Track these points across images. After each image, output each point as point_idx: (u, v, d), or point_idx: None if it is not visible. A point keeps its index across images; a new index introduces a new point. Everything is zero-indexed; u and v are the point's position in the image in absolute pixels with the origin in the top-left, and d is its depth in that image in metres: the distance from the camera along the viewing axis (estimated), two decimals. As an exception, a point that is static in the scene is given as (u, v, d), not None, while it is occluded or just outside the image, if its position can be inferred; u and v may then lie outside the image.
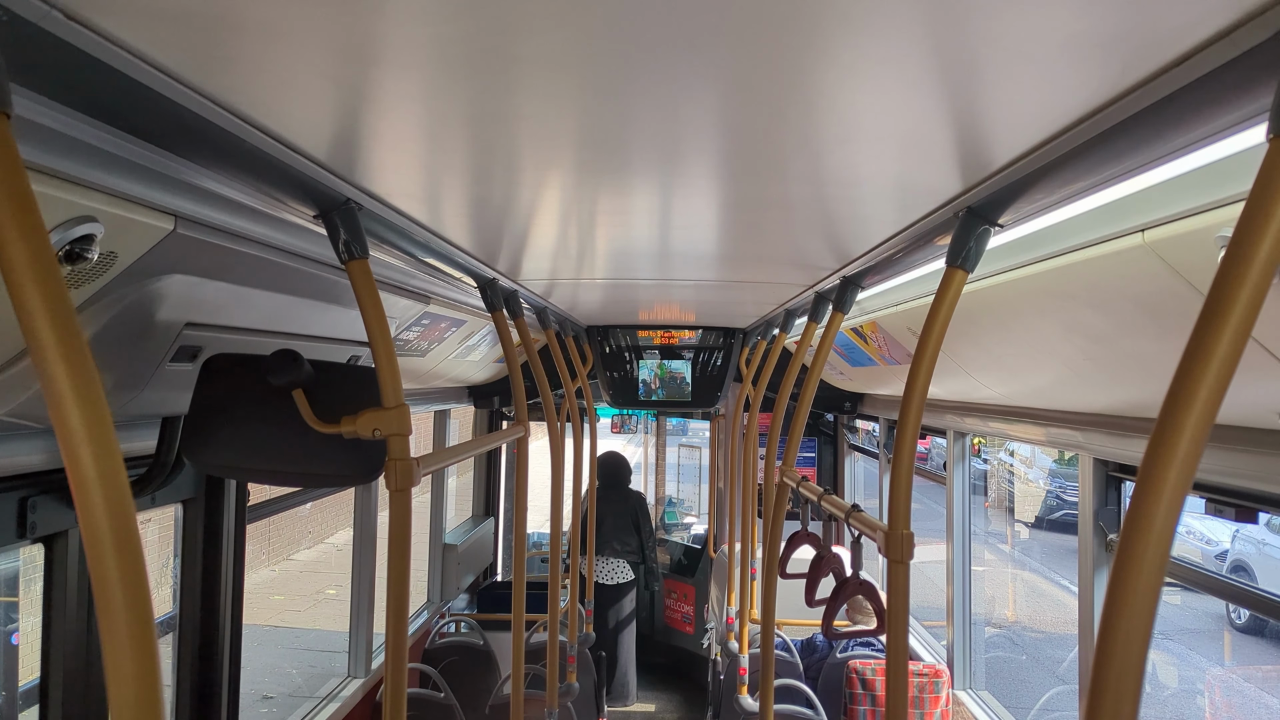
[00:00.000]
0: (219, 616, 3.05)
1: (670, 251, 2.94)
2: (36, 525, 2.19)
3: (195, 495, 2.96)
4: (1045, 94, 1.21)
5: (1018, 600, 14.85)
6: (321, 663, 10.60)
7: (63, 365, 0.82)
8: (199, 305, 2.00)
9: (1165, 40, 0.99)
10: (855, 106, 1.32)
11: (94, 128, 1.24)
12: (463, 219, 2.29)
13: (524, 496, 3.73)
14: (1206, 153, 1.25)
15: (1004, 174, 1.56)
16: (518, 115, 1.40)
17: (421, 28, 1.03)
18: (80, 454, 0.81)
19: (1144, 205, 1.57)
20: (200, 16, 0.97)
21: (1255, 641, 11.96)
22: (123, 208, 1.50)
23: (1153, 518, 0.84)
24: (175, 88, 1.16)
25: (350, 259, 1.76)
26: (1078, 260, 1.94)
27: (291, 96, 1.28)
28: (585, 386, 6.10)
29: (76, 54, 0.98)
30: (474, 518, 8.29)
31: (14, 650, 4.96)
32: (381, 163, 1.69)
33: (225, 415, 1.97)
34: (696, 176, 1.85)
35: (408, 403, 1.79)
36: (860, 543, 2.65)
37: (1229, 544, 13.04)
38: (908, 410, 1.79)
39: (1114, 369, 2.39)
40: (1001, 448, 19.95)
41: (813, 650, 5.85)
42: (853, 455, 7.85)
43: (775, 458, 3.98)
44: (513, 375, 3.33)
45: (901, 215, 2.06)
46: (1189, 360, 0.84)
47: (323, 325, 2.74)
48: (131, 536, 0.84)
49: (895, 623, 1.86)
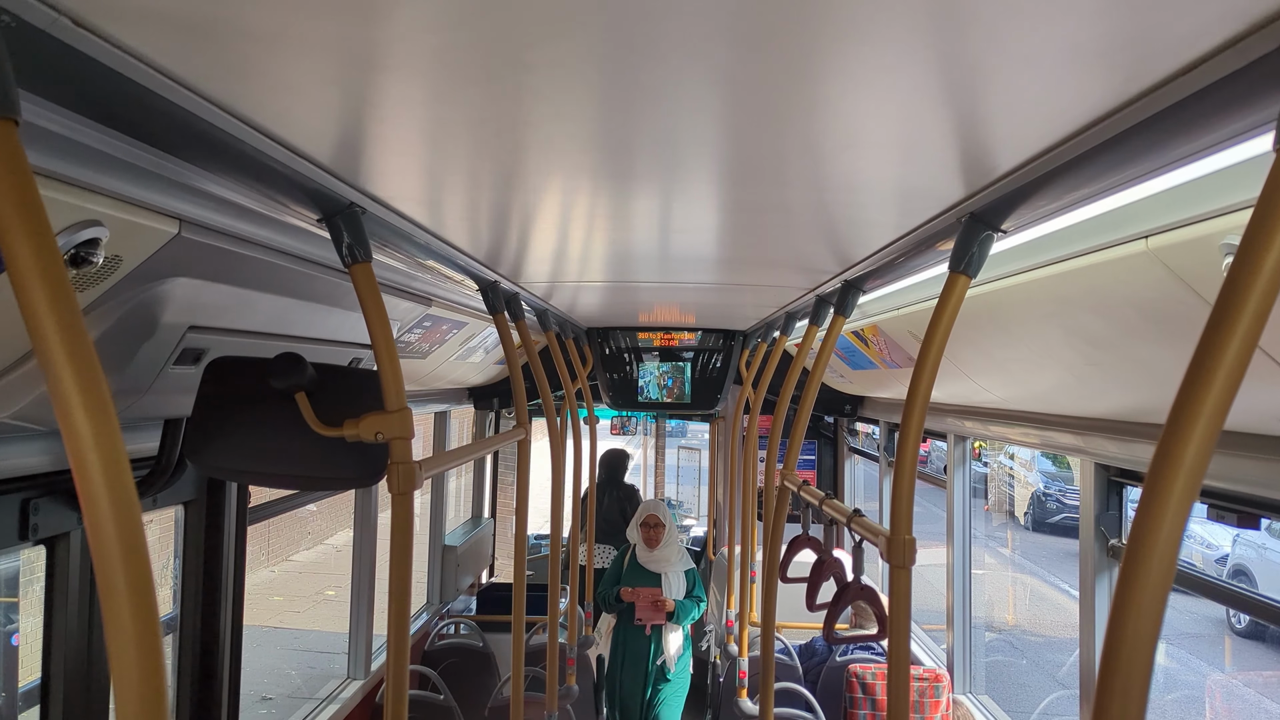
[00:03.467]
0: (220, 618, 3.05)
1: (671, 254, 2.94)
2: (39, 527, 2.19)
3: (196, 497, 2.96)
4: (1051, 101, 1.21)
5: (1017, 604, 14.85)
6: (320, 664, 10.59)
7: (69, 369, 0.82)
8: (202, 308, 2.00)
9: (1172, 48, 0.99)
10: (860, 113, 1.32)
11: (100, 132, 1.24)
12: (465, 222, 2.29)
13: (525, 498, 3.73)
14: (1211, 160, 1.25)
15: (1008, 180, 1.56)
16: (523, 121, 1.40)
17: (427, 35, 1.03)
18: (86, 457, 0.82)
19: (1147, 212, 1.58)
20: (207, 23, 0.98)
21: (1255, 646, 11.96)
22: (128, 212, 1.50)
23: (1160, 524, 0.85)
24: (181, 93, 1.16)
25: (353, 262, 1.76)
26: (1080, 266, 1.94)
27: (297, 102, 1.28)
28: (585, 388, 6.10)
29: (84, 60, 0.98)
30: (473, 519, 8.29)
31: (14, 651, 4.95)
32: (385, 167, 1.69)
33: (228, 418, 1.97)
34: (699, 181, 1.85)
35: (409, 404, 1.79)
36: (862, 547, 2.65)
37: (1229, 548, 13.04)
38: (910, 414, 1.79)
39: (1116, 374, 2.39)
40: (1000, 450, 19.96)
41: (811, 654, 5.85)
42: (853, 458, 7.85)
43: (776, 461, 3.98)
44: (514, 377, 3.33)
45: (904, 220, 2.06)
46: (1197, 367, 0.84)
47: (324, 328, 2.74)
48: (137, 538, 0.84)
49: (897, 627, 1.86)
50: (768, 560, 3.26)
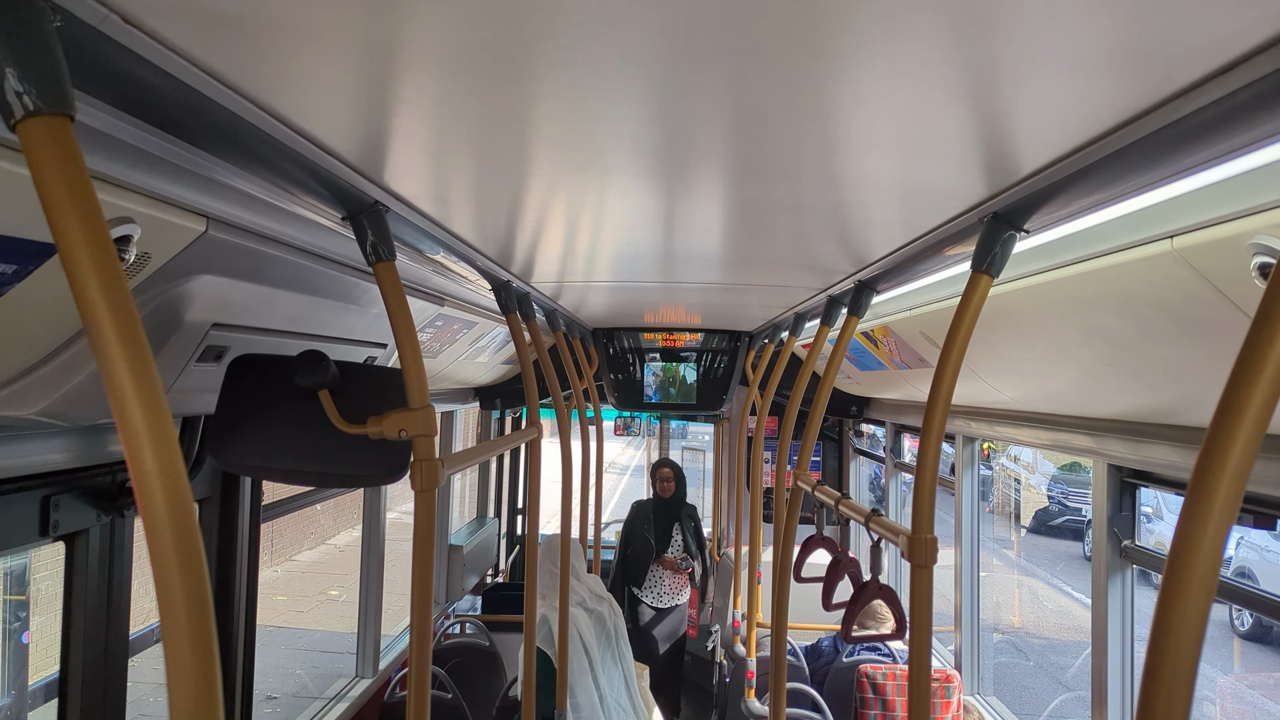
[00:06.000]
0: (233, 615, 3.06)
1: (680, 254, 2.95)
2: (59, 524, 2.20)
3: (211, 495, 2.96)
4: (1079, 103, 1.21)
5: (1022, 606, 14.85)
6: (325, 663, 10.59)
7: (124, 364, 0.83)
8: (226, 306, 2.01)
9: (1206, 51, 0.99)
10: (884, 114, 1.32)
11: (135, 128, 1.25)
12: (480, 221, 2.30)
13: (537, 496, 3.74)
14: (1240, 161, 1.25)
15: (1032, 180, 1.56)
16: (543, 119, 1.41)
17: (456, 34, 1.04)
18: (142, 451, 0.82)
19: (1173, 211, 1.58)
20: (247, 20, 0.99)
21: (1259, 649, 11.95)
22: (158, 209, 1.51)
23: (1204, 530, 0.85)
24: (219, 89, 1.18)
25: (377, 260, 1.77)
26: (1102, 266, 1.95)
27: (330, 98, 1.30)
28: (592, 388, 6.11)
29: (131, 57, 0.99)
30: (478, 518, 8.30)
31: (24, 649, 4.98)
32: (408, 164, 1.70)
33: (252, 415, 1.98)
34: (713, 180, 1.86)
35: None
36: (880, 547, 2.66)
37: (1233, 550, 13.05)
38: (932, 414, 1.80)
39: (1134, 374, 2.39)
40: (1004, 453, 19.95)
41: (818, 655, 5.85)
42: (857, 459, 7.85)
43: (787, 462, 3.98)
44: (525, 376, 3.34)
45: (923, 220, 2.06)
46: (1241, 372, 0.84)
47: (341, 326, 2.75)
48: (190, 527, 0.85)
49: (918, 627, 1.86)
50: (780, 560, 3.26)
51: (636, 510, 7.93)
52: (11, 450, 2.01)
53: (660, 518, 7.75)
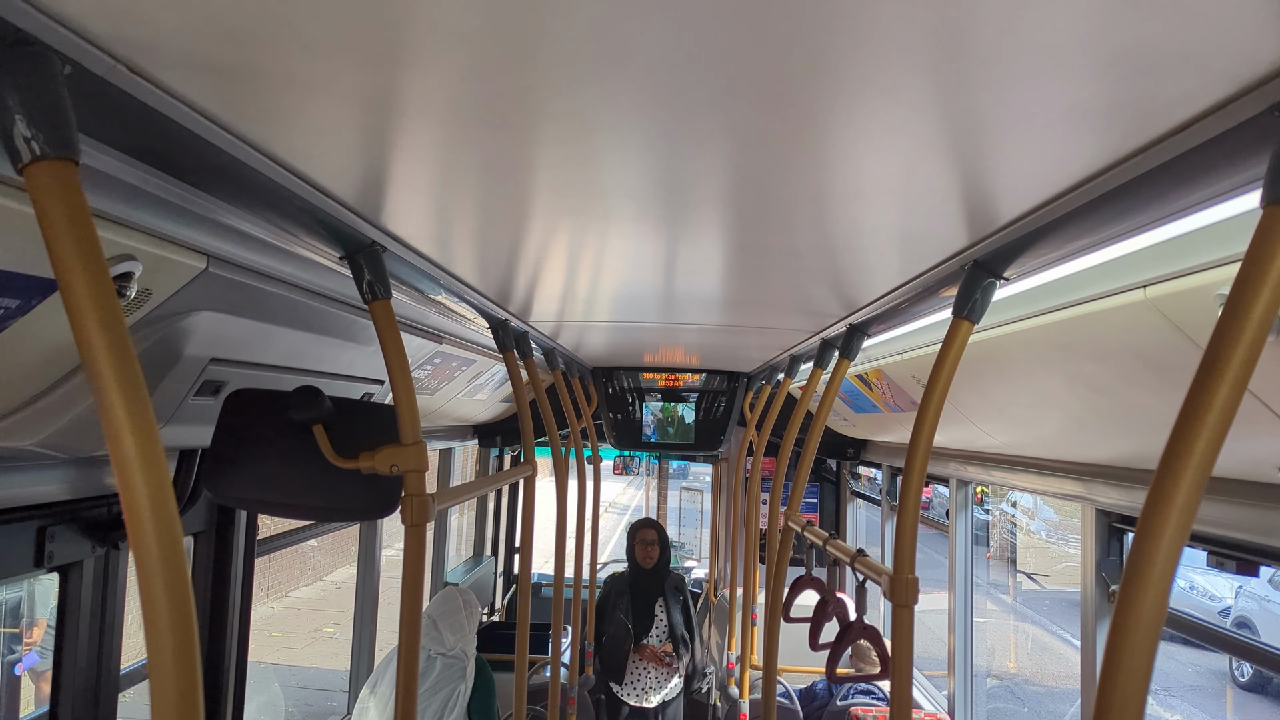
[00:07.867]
0: (225, 652, 3.07)
1: (679, 296, 2.99)
2: (54, 555, 2.22)
3: (206, 529, 2.98)
4: (1050, 156, 1.26)
5: (1018, 652, 14.74)
6: (318, 700, 10.52)
7: (119, 398, 0.87)
8: (224, 341, 2.05)
9: (1165, 110, 1.04)
10: (869, 164, 1.37)
11: (139, 170, 1.29)
12: (478, 261, 2.34)
13: (530, 536, 3.75)
14: (1206, 214, 1.30)
15: (1010, 229, 1.61)
16: (541, 165, 1.45)
17: (453, 85, 1.09)
18: (134, 481, 0.86)
19: (1146, 262, 1.62)
20: (251, 71, 1.04)
21: (1258, 700, 11.86)
22: (160, 247, 1.55)
23: (1152, 564, 0.88)
24: (220, 134, 1.22)
25: (374, 299, 1.81)
26: (1080, 314, 1.99)
27: (327, 144, 1.34)
28: (590, 427, 6.13)
29: (137, 105, 1.04)
30: (474, 557, 8.28)
31: (16, 681, 4.96)
32: (406, 207, 1.75)
33: (247, 449, 2.01)
34: (709, 225, 1.90)
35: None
36: (865, 587, 2.68)
37: (1232, 600, 12.98)
38: (914, 457, 1.83)
39: (1117, 421, 2.43)
40: (1003, 498, 19.91)
41: (812, 698, 5.81)
42: (855, 502, 7.85)
43: (780, 502, 4.00)
44: (521, 414, 3.37)
45: (909, 266, 2.11)
46: (1188, 412, 0.88)
47: (338, 363, 2.79)
48: (178, 560, 0.88)
49: (900, 667, 1.88)
50: (771, 601, 3.28)
51: (611, 585, 6.53)
52: (9, 481, 2.04)
53: (640, 594, 6.39)
